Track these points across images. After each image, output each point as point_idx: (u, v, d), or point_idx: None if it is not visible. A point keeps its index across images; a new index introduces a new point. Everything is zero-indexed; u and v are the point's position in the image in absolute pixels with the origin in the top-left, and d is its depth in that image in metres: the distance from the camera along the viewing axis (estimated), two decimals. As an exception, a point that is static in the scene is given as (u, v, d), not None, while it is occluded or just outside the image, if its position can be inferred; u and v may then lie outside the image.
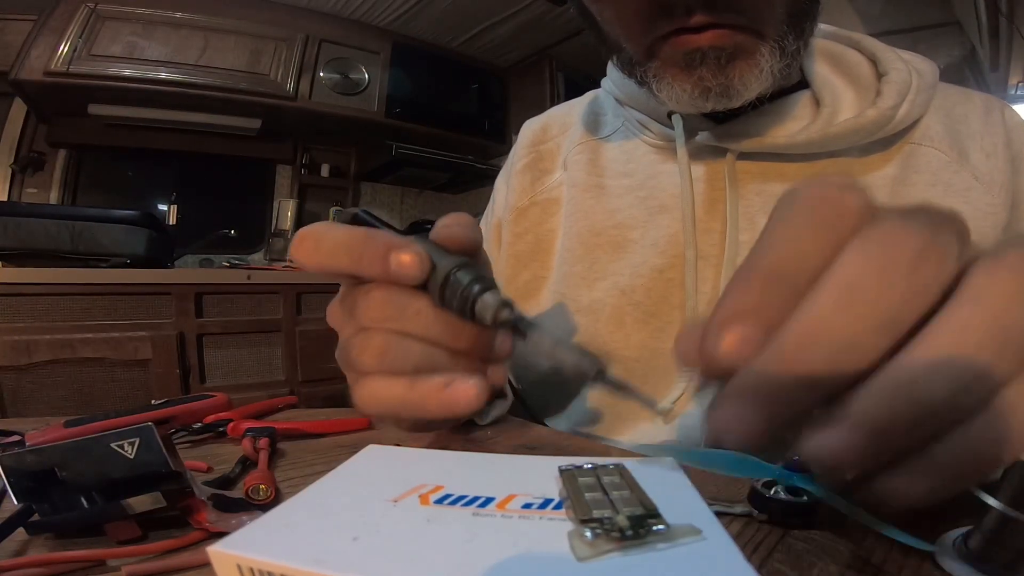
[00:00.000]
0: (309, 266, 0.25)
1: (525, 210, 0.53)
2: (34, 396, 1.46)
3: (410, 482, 0.21)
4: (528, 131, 0.57)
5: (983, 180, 0.39)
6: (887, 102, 0.39)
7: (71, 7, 1.81)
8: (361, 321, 0.25)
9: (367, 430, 0.43)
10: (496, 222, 0.56)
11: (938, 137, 0.41)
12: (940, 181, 0.39)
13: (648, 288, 0.43)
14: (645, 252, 0.44)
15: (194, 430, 0.41)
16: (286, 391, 1.83)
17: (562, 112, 0.57)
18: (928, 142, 0.41)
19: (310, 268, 0.25)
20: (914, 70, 0.41)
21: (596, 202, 0.48)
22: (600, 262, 0.46)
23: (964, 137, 0.41)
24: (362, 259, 0.24)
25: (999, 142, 0.40)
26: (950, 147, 0.40)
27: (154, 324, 1.62)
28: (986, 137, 0.41)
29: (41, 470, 0.23)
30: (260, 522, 0.18)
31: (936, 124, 0.41)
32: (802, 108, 0.43)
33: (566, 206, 0.50)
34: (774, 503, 0.23)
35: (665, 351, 0.42)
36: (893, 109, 0.39)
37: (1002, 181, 0.39)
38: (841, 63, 0.43)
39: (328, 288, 1.93)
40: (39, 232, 1.52)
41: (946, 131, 0.41)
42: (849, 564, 0.20)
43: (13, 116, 1.98)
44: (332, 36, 2.23)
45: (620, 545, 0.16)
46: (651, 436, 0.44)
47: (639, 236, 0.45)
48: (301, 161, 2.51)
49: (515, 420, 0.48)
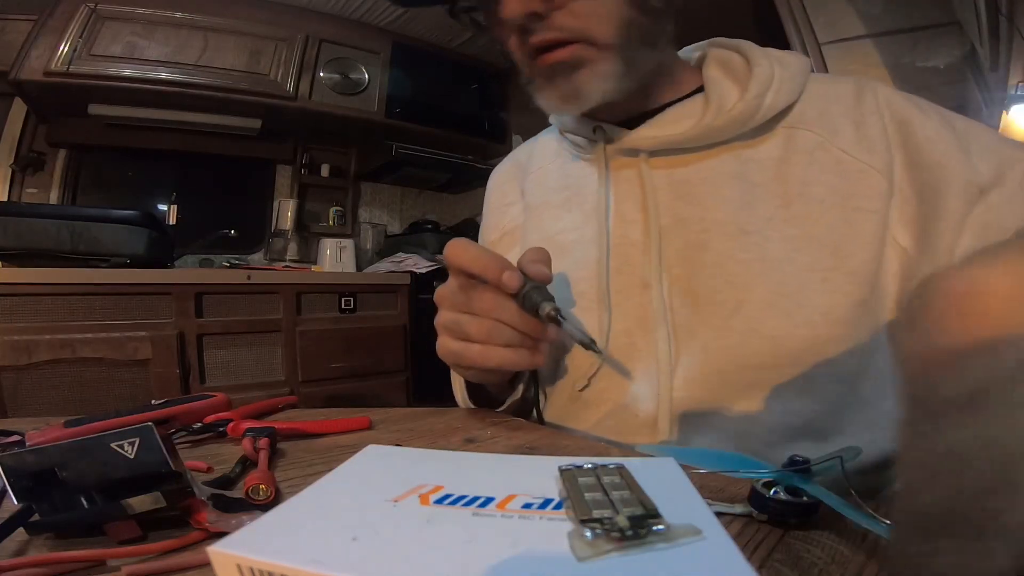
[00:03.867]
0: (455, 262, 0.39)
1: (497, 242, 0.62)
2: (34, 396, 1.46)
3: (410, 482, 0.21)
4: (494, 175, 0.68)
5: (852, 151, 0.44)
6: (751, 93, 0.45)
7: (71, 7, 1.81)
8: (475, 308, 0.41)
9: (367, 430, 0.43)
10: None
11: (811, 119, 0.47)
12: (815, 160, 0.45)
13: (588, 279, 0.50)
14: (584, 249, 0.51)
15: (194, 430, 0.41)
16: (286, 391, 1.83)
17: (522, 151, 0.67)
18: (803, 124, 0.47)
19: (455, 264, 0.40)
20: (777, 63, 0.47)
21: (545, 217, 0.57)
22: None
23: (836, 116, 0.46)
24: (487, 270, 0.39)
25: (871, 112, 0.45)
26: (822, 127, 0.46)
27: (154, 324, 1.62)
28: (857, 110, 0.46)
29: (41, 470, 0.23)
30: (260, 522, 0.18)
31: (810, 109, 0.47)
32: (696, 107, 0.49)
33: (524, 227, 0.60)
34: (774, 503, 0.23)
35: (612, 331, 0.48)
36: (758, 98, 0.45)
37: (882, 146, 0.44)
38: (728, 66, 0.50)
39: (326, 290, 1.94)
40: (39, 232, 1.52)
41: (819, 113, 0.47)
42: (849, 564, 0.20)
43: (13, 116, 1.98)
44: (332, 36, 2.23)
45: (620, 545, 0.16)
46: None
47: (578, 236, 0.52)
48: (301, 161, 2.50)
49: (515, 420, 0.48)
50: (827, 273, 0.42)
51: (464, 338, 0.42)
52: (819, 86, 0.48)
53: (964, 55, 1.43)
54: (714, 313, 0.44)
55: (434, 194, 2.93)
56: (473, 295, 0.40)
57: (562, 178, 0.57)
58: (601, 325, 0.48)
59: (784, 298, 0.42)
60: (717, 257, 0.45)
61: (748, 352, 0.42)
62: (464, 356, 0.42)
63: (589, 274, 0.50)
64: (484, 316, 0.40)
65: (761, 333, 0.42)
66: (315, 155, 2.54)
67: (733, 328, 0.43)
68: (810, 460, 0.26)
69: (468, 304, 0.41)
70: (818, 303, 0.41)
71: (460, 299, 0.41)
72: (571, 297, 0.51)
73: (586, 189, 0.54)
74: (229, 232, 2.07)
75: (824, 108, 0.47)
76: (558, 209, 0.55)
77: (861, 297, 0.41)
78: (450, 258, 0.40)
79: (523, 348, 0.41)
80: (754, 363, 0.42)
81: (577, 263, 0.51)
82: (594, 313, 0.49)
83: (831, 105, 0.47)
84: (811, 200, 0.44)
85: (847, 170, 0.44)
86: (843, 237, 0.42)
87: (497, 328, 0.40)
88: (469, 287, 0.41)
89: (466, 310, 0.41)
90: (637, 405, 0.46)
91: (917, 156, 0.43)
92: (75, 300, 1.52)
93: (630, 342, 0.47)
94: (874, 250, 0.42)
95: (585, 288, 0.50)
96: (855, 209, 0.43)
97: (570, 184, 0.56)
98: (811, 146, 0.45)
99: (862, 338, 0.42)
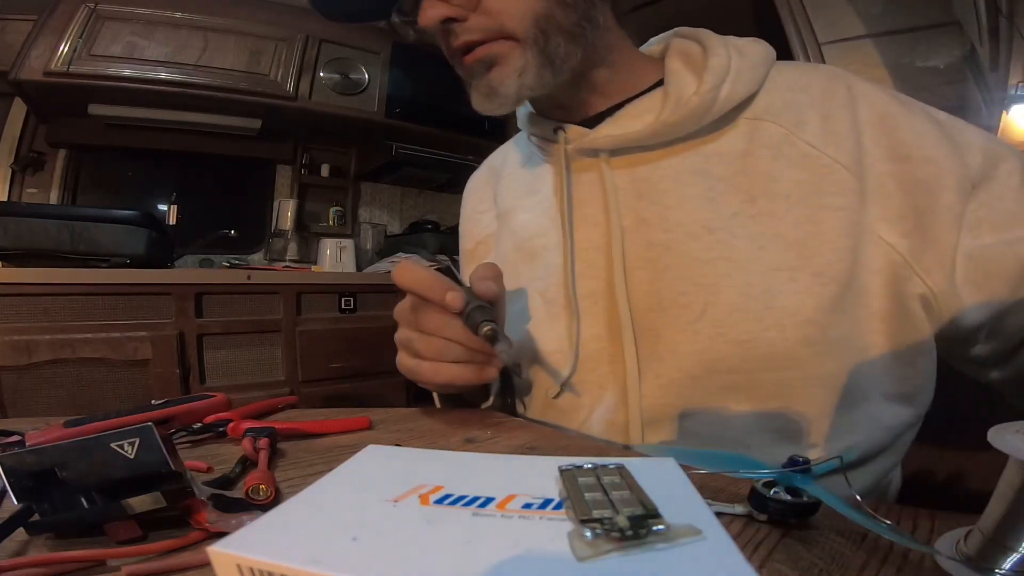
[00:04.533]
0: (402, 284, 0.40)
1: (473, 251, 0.63)
2: (34, 396, 1.46)
3: (410, 482, 0.21)
4: (470, 183, 0.68)
5: (818, 145, 0.43)
6: (706, 85, 0.44)
7: (71, 7, 1.81)
8: (423, 327, 0.42)
9: (367, 430, 0.43)
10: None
11: (776, 111, 0.45)
12: (781, 154, 0.43)
13: (556, 286, 0.50)
14: (551, 254, 0.51)
15: (194, 430, 0.41)
16: (286, 391, 1.83)
17: (496, 155, 0.67)
18: (768, 116, 0.45)
19: (402, 285, 0.40)
20: (736, 52, 0.45)
21: (515, 223, 0.56)
22: (521, 274, 0.53)
23: (804, 107, 0.44)
24: (431, 291, 0.39)
25: (841, 105, 0.43)
26: (787, 120, 0.44)
27: (154, 324, 1.62)
28: (827, 102, 0.44)
29: (41, 470, 0.23)
30: (260, 522, 0.18)
31: (776, 100, 0.45)
32: (655, 103, 0.47)
33: (496, 234, 0.60)
34: (774, 503, 0.23)
35: (582, 337, 0.47)
36: (714, 90, 0.44)
37: (849, 142, 0.42)
38: (688, 57, 0.48)
39: (326, 290, 1.94)
40: (39, 232, 1.52)
41: (784, 105, 0.45)
42: (849, 564, 0.20)
43: (13, 116, 1.97)
44: (332, 36, 2.22)
45: (620, 545, 0.16)
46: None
47: (546, 241, 0.52)
48: (301, 161, 2.50)
49: (515, 420, 0.48)
50: (793, 272, 0.40)
51: (416, 355, 0.43)
52: (785, 75, 0.47)
53: (964, 55, 1.43)
54: (679, 316, 0.43)
55: (434, 194, 2.93)
56: (421, 315, 0.41)
57: (530, 181, 0.56)
58: (570, 332, 0.47)
59: (752, 300, 0.40)
60: (681, 258, 0.43)
61: (717, 357, 0.41)
62: (417, 373, 0.44)
63: (556, 280, 0.50)
64: (434, 335, 0.41)
65: (728, 337, 0.41)
66: (315, 155, 2.54)
67: (700, 332, 0.42)
68: (810, 460, 0.26)
69: (418, 324, 0.42)
70: (786, 304, 0.40)
71: (411, 318, 0.43)
72: (541, 304, 0.50)
73: (549, 192, 0.53)
74: (229, 232, 2.06)
75: (790, 99, 0.45)
76: (527, 213, 0.55)
77: (830, 297, 0.40)
78: (397, 280, 0.40)
79: (473, 364, 0.41)
80: (724, 367, 0.41)
81: (546, 269, 0.51)
82: (563, 320, 0.48)
83: (797, 95, 0.45)
84: (776, 196, 0.42)
85: (813, 164, 0.42)
86: (808, 235, 0.41)
87: (446, 346, 0.41)
88: (419, 307, 0.41)
89: (416, 329, 0.42)
90: (609, 412, 0.45)
91: (903, 150, 0.41)
92: (75, 300, 1.52)
93: (599, 348, 0.46)
94: (843, 248, 0.40)
95: (554, 295, 0.49)
96: (820, 207, 0.41)
97: (536, 187, 0.55)
98: (776, 139, 0.44)
99: (837, 339, 0.40)
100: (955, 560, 0.19)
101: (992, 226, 0.39)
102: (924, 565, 0.20)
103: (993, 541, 0.18)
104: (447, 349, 0.41)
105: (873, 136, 0.42)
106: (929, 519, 0.23)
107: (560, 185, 0.50)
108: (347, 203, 2.62)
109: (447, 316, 0.40)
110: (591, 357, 0.47)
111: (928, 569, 0.20)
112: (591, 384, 0.47)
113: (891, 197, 0.41)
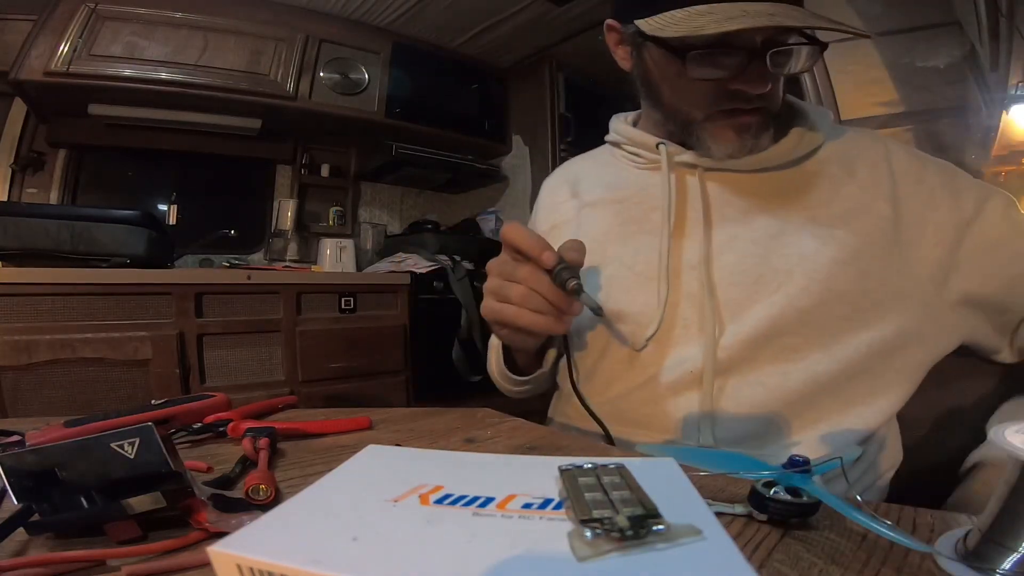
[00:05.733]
0: (508, 239, 0.50)
1: (547, 233, 0.72)
2: (34, 396, 1.46)
3: (410, 482, 0.21)
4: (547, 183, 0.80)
5: (866, 187, 0.56)
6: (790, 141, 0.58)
7: (71, 7, 1.81)
8: (516, 277, 0.50)
9: (367, 430, 0.43)
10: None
11: (833, 160, 0.59)
12: (837, 195, 0.57)
13: (647, 261, 0.59)
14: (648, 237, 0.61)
15: (194, 430, 0.41)
16: (286, 391, 1.83)
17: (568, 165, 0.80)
18: (827, 165, 0.59)
19: (508, 240, 0.50)
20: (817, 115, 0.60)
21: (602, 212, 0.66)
22: (609, 250, 0.63)
23: (854, 157, 0.59)
24: (531, 248, 0.48)
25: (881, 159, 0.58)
26: (841, 168, 0.59)
27: (154, 324, 1.62)
28: (870, 152, 0.59)
29: (41, 470, 0.23)
30: (260, 522, 0.18)
31: (833, 153, 0.60)
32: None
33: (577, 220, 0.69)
34: (774, 503, 0.23)
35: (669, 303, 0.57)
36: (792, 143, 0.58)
37: (887, 184, 0.56)
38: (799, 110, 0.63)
39: (326, 290, 1.94)
40: (39, 232, 1.52)
41: (839, 156, 0.60)
42: (849, 564, 0.20)
43: (13, 116, 1.97)
44: (332, 36, 2.22)
45: (620, 545, 0.16)
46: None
47: (637, 228, 0.62)
48: (301, 161, 2.50)
49: (515, 420, 0.48)
50: (845, 267, 0.53)
51: (504, 300, 0.52)
52: (843, 134, 0.61)
53: (964, 55, 1.42)
54: (759, 291, 0.54)
55: (434, 194, 2.92)
56: (517, 267, 0.50)
57: (618, 181, 0.68)
58: (660, 297, 0.57)
59: (816, 283, 0.53)
60: (762, 248, 0.55)
61: (783, 323, 0.53)
62: (502, 314, 0.52)
63: (651, 256, 0.59)
64: (523, 284, 0.50)
65: (796, 307, 0.52)
66: (315, 155, 2.54)
67: (775, 303, 0.53)
68: (810, 460, 0.26)
69: (512, 274, 0.51)
70: (834, 287, 0.53)
71: (506, 269, 0.51)
72: (630, 275, 0.60)
73: (651, 189, 0.63)
74: (229, 232, 2.06)
75: (846, 152, 0.60)
76: (617, 204, 0.66)
77: (870, 285, 0.54)
78: (505, 235, 0.50)
79: (550, 316, 0.50)
80: (788, 331, 0.53)
81: (639, 248, 0.61)
82: (654, 287, 0.58)
83: (850, 148, 0.60)
84: (834, 215, 0.56)
85: (856, 202, 0.56)
86: (859, 241, 0.54)
87: (532, 296, 0.49)
88: (515, 261, 0.50)
89: (509, 278, 0.51)
90: (685, 365, 0.55)
91: (918, 184, 0.56)
92: (75, 300, 1.52)
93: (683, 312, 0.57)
94: (882, 256, 0.54)
95: (644, 268, 0.60)
96: (864, 223, 0.55)
97: (629, 185, 0.66)
98: (833, 182, 0.58)
99: (871, 314, 0.53)
100: (955, 560, 0.19)
101: (985, 251, 0.54)
102: (924, 565, 0.20)
103: (993, 541, 0.18)
104: (532, 298, 0.49)
105: (904, 184, 0.56)
106: (929, 519, 0.23)
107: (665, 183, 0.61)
108: (347, 203, 2.62)
109: (538, 271, 0.49)
110: (680, 316, 0.57)
111: (928, 569, 0.20)
112: (671, 340, 0.57)
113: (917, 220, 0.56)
